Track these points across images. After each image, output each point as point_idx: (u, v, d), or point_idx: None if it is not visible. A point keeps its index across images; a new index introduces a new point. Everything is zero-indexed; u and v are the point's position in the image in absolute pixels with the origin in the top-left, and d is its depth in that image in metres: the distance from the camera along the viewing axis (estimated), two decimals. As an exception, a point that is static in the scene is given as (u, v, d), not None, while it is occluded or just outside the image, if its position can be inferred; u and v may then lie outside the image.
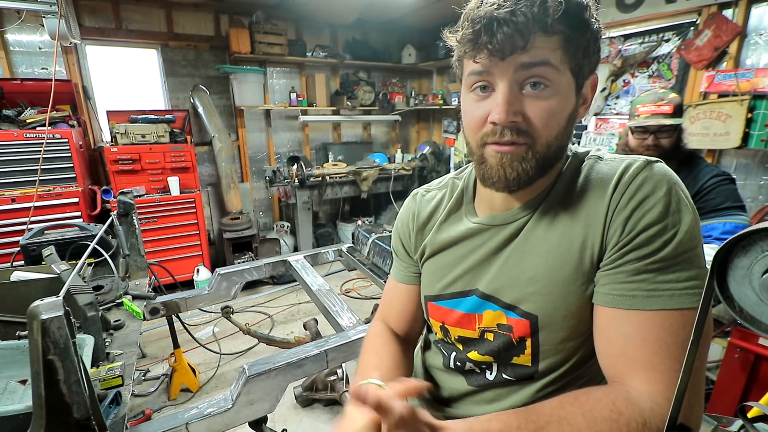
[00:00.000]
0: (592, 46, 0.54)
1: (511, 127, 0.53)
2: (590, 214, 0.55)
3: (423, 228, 0.74)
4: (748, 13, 2.43)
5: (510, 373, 0.64)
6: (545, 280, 0.57)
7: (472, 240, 0.66)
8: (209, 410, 1.10)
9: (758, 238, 0.32)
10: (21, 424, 0.75)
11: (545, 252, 0.57)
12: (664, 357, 0.49)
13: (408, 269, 0.78)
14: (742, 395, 1.50)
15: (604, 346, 0.54)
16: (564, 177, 0.59)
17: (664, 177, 0.52)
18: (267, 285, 3.74)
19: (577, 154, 0.61)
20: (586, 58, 0.54)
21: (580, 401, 0.50)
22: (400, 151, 4.79)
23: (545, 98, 0.52)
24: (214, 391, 2.29)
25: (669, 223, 0.49)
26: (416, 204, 0.77)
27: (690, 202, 0.52)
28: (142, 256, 1.82)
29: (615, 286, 0.52)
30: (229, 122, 4.08)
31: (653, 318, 0.50)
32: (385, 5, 3.85)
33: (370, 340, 0.77)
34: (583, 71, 0.55)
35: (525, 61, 0.50)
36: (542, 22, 0.48)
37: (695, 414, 0.49)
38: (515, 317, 0.60)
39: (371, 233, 2.22)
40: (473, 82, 0.55)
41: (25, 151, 2.79)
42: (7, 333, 1.05)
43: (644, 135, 1.51)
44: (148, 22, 3.57)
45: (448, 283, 0.68)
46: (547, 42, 0.50)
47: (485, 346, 0.65)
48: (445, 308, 0.69)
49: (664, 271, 0.50)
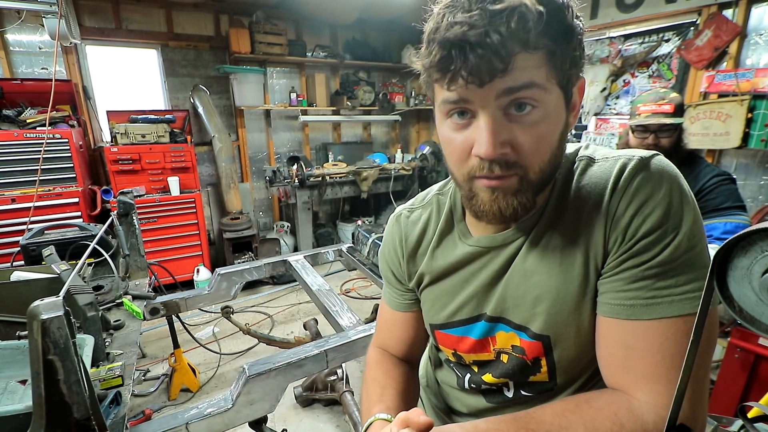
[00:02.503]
0: (579, 51, 0.48)
1: (499, 160, 0.47)
2: (589, 224, 0.51)
3: (414, 254, 0.69)
4: (748, 13, 2.43)
5: (528, 390, 0.63)
6: (552, 298, 0.54)
7: (471, 265, 0.62)
8: (209, 410, 1.10)
9: (758, 238, 0.32)
10: (21, 424, 0.75)
11: (548, 270, 0.55)
12: (668, 368, 0.47)
13: (402, 296, 0.74)
14: (742, 395, 1.50)
15: (605, 356, 0.53)
16: (557, 186, 0.55)
17: (663, 174, 0.48)
18: (267, 285, 3.74)
19: (567, 157, 0.56)
20: (573, 68, 0.48)
21: (582, 410, 0.49)
22: (400, 151, 4.78)
23: (534, 122, 0.46)
24: (214, 391, 2.29)
25: (669, 226, 0.47)
26: (401, 228, 0.71)
27: (691, 198, 0.48)
28: (142, 256, 1.82)
29: (613, 295, 0.50)
30: (229, 122, 4.08)
31: (654, 327, 0.47)
32: (385, 5, 3.85)
33: (371, 371, 0.73)
34: (572, 81, 0.49)
35: (508, 86, 0.44)
36: (523, 39, 0.42)
37: (699, 420, 0.47)
38: (527, 339, 0.58)
39: (371, 233, 2.22)
40: (449, 110, 0.49)
41: (25, 151, 2.79)
42: (7, 333, 1.05)
43: (645, 134, 1.51)
44: (148, 22, 3.57)
45: (453, 311, 0.65)
46: (531, 60, 0.43)
47: (500, 368, 0.63)
48: (455, 336, 0.66)
49: (662, 277, 0.47)
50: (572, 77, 0.48)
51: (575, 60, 0.47)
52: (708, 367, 0.49)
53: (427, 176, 4.50)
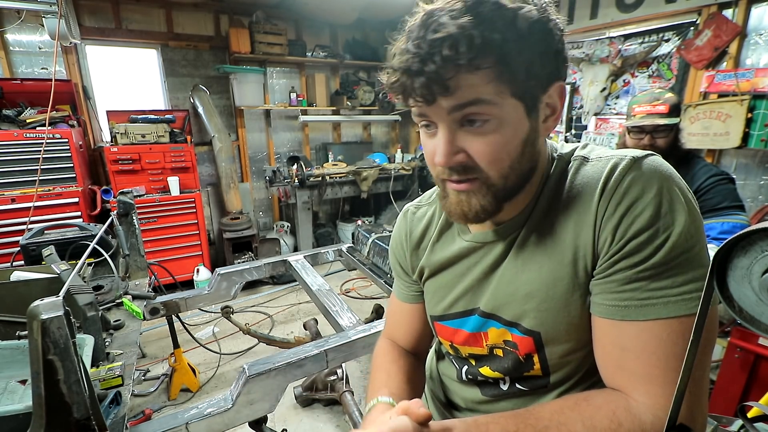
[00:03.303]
0: (545, 56, 0.48)
1: (455, 167, 0.51)
2: (578, 223, 0.52)
3: (417, 248, 0.73)
4: (748, 13, 2.43)
5: (523, 384, 0.64)
6: (542, 295, 0.55)
7: (467, 259, 0.65)
8: (209, 410, 1.10)
9: (758, 238, 0.32)
10: (21, 424, 0.75)
11: (538, 267, 0.56)
12: (664, 369, 0.47)
13: (409, 288, 0.78)
14: (742, 395, 1.50)
15: (601, 357, 0.53)
16: (549, 184, 0.56)
17: (655, 174, 0.48)
18: (267, 285, 3.74)
19: (562, 157, 0.57)
20: (532, 78, 0.48)
21: (581, 408, 0.50)
22: (400, 151, 4.78)
23: (486, 133, 0.49)
24: (214, 391, 2.29)
25: (660, 226, 0.46)
26: (407, 223, 0.76)
27: (687, 198, 0.48)
28: (142, 256, 1.82)
29: (607, 296, 0.50)
30: (229, 122, 4.08)
31: (649, 328, 0.48)
32: (385, 5, 3.85)
33: (379, 359, 0.77)
34: (533, 90, 0.49)
35: (454, 104, 0.47)
36: (459, 62, 0.44)
37: (699, 420, 0.48)
38: (519, 335, 0.60)
39: (371, 233, 2.22)
40: (419, 121, 0.54)
41: (25, 151, 2.79)
42: (7, 333, 1.05)
43: (640, 135, 1.51)
44: (148, 22, 3.57)
45: (449, 304, 0.68)
46: (473, 79, 0.46)
47: (496, 362, 0.65)
48: (451, 328, 0.69)
49: (657, 278, 0.47)
50: (532, 87, 0.49)
51: (535, 68, 0.48)
52: (706, 368, 0.49)
53: (427, 176, 4.49)
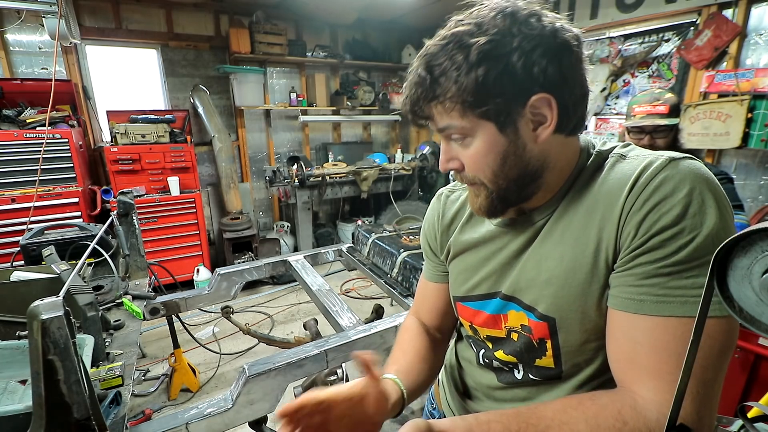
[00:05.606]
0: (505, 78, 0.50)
1: (453, 172, 0.62)
2: (605, 215, 0.53)
3: (447, 229, 0.77)
4: (748, 13, 2.43)
5: (536, 374, 0.65)
6: (560, 282, 0.57)
7: (493, 242, 0.67)
8: (209, 410, 1.10)
9: (758, 238, 0.32)
10: (21, 424, 0.75)
11: (560, 255, 0.57)
12: (673, 366, 0.47)
13: (436, 268, 0.81)
14: (742, 395, 1.50)
15: (613, 349, 0.54)
16: (584, 177, 0.58)
17: (689, 176, 0.48)
18: (267, 285, 3.74)
19: (600, 153, 0.59)
20: (500, 97, 0.51)
21: (585, 407, 0.50)
22: (400, 151, 4.78)
23: (466, 146, 0.57)
24: (214, 391, 2.29)
25: (687, 226, 0.46)
26: (441, 205, 0.79)
27: (722, 204, 0.47)
28: (142, 256, 1.82)
29: (624, 289, 0.51)
30: (229, 122, 4.08)
31: (663, 324, 0.48)
32: (385, 5, 3.85)
33: (400, 334, 0.81)
34: (503, 109, 0.52)
35: (436, 127, 0.58)
36: (427, 98, 0.54)
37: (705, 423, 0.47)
38: (535, 319, 0.61)
39: (371, 233, 2.22)
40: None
41: (25, 151, 2.79)
42: (7, 333, 1.05)
43: (640, 135, 1.51)
44: (148, 22, 3.57)
45: (473, 286, 0.70)
46: (441, 108, 0.55)
47: (510, 345, 0.66)
48: (473, 309, 0.71)
49: (677, 276, 0.47)
50: (500, 107, 0.52)
51: (495, 92, 0.51)
52: (720, 372, 0.48)
53: (427, 176, 4.50)
